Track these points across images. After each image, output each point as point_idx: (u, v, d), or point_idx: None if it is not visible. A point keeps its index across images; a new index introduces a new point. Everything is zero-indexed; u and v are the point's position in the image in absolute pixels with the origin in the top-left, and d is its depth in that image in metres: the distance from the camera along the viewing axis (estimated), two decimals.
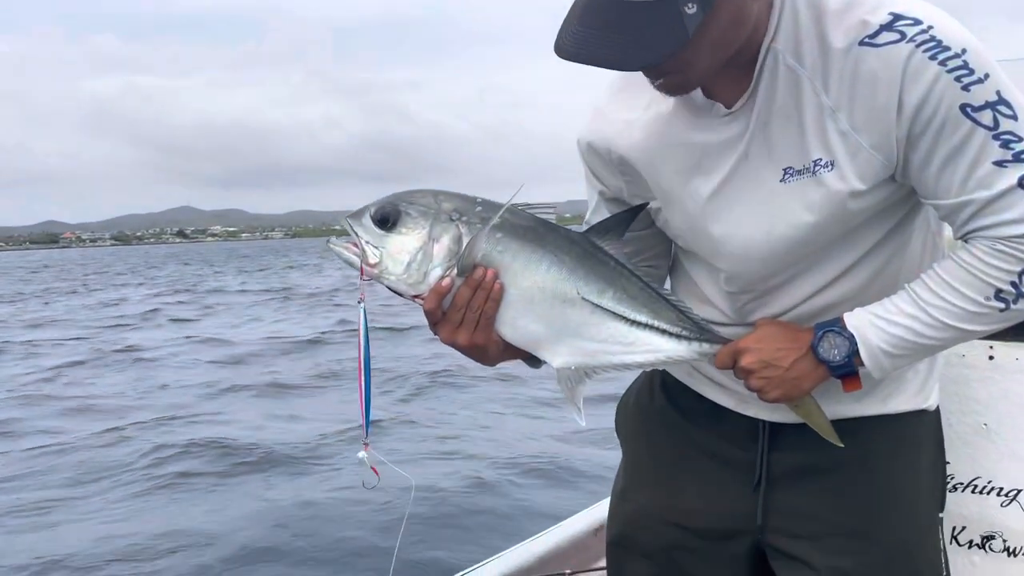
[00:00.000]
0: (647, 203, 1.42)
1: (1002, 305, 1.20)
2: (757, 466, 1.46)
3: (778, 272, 1.35)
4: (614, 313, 1.36)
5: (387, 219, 1.33)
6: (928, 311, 1.24)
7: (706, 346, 1.39)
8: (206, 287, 38.21)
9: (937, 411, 1.52)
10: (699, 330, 1.39)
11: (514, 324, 1.35)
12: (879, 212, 1.30)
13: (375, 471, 1.39)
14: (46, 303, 32.30)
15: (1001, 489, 1.84)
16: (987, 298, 1.20)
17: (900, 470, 1.44)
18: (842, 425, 1.39)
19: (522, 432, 8.82)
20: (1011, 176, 1.14)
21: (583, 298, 1.35)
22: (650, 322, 1.37)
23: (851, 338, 1.27)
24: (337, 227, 1.40)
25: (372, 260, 1.33)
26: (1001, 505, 1.84)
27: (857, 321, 1.28)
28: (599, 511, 2.80)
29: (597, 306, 1.35)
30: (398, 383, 11.29)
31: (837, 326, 1.29)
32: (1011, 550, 1.83)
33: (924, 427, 1.49)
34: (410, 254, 1.32)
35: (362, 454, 1.40)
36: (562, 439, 8.14)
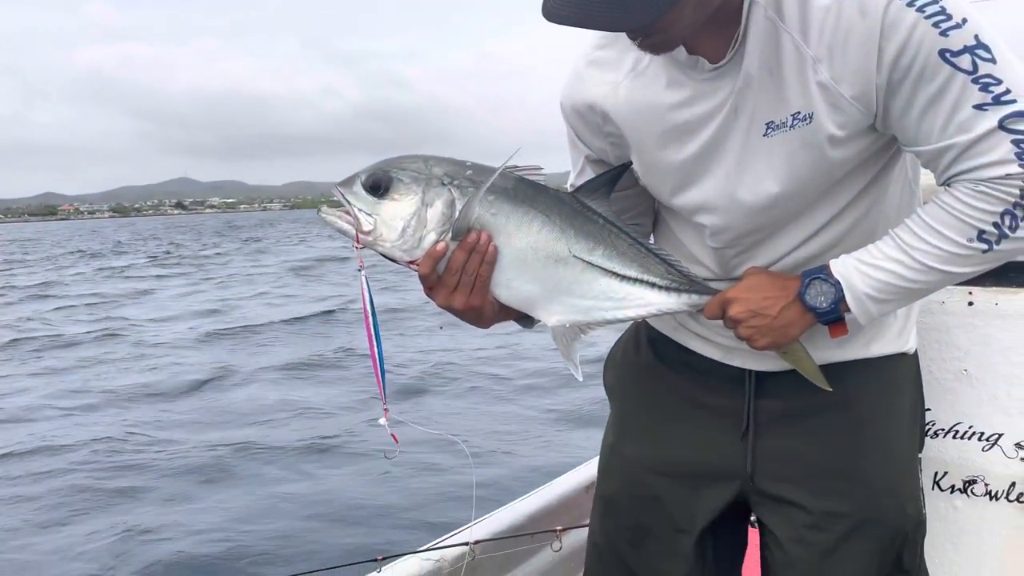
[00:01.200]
0: (631, 162, 1.43)
1: (985, 246, 1.21)
2: (744, 414, 1.49)
3: (763, 226, 1.37)
4: (605, 269, 1.38)
5: (379, 186, 1.33)
6: (912, 255, 1.25)
7: (695, 297, 1.41)
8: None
9: (916, 354, 1.56)
10: (688, 282, 1.41)
11: (509, 285, 1.37)
12: (860, 163, 1.31)
13: (395, 437, 1.40)
14: None
15: (982, 434, 1.85)
16: (970, 240, 1.21)
17: (883, 412, 1.48)
18: (827, 370, 1.41)
19: None
20: (991, 119, 1.15)
21: (575, 256, 1.37)
22: (640, 276, 1.40)
23: (837, 285, 1.29)
24: (336, 197, 1.41)
25: (366, 227, 1.33)
26: (982, 450, 1.85)
27: (842, 268, 1.30)
28: (589, 469, 2.81)
29: (588, 263, 1.38)
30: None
31: (823, 273, 1.30)
32: (992, 494, 1.85)
33: (904, 370, 1.52)
34: (404, 220, 1.32)
35: (382, 421, 1.41)
36: None
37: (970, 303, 1.86)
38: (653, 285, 1.40)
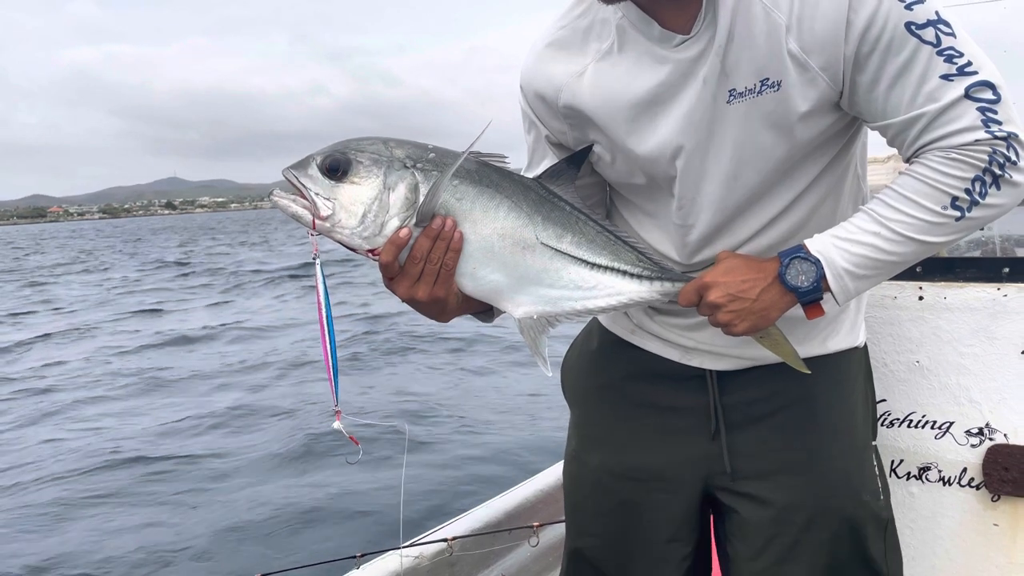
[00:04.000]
0: (593, 144, 1.40)
1: (958, 214, 1.23)
2: (712, 413, 1.50)
3: (726, 203, 1.36)
4: (574, 257, 1.33)
5: (337, 168, 1.25)
6: (889, 225, 1.26)
7: (668, 285, 1.36)
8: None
9: (865, 347, 1.60)
10: (660, 269, 1.37)
11: (474, 275, 1.30)
12: (817, 146, 1.34)
13: (354, 440, 1.32)
14: None
15: (935, 422, 1.93)
16: (944, 207, 1.23)
17: (839, 405, 1.51)
18: (785, 369, 1.43)
19: None
20: (957, 88, 1.19)
21: (543, 243, 1.31)
22: (611, 264, 1.34)
23: (817, 262, 1.27)
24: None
25: (324, 213, 1.25)
26: (935, 437, 1.93)
27: (820, 245, 1.29)
28: None
29: (557, 251, 1.32)
30: None
31: (802, 252, 1.29)
32: (946, 479, 1.93)
33: (856, 363, 1.57)
34: (365, 205, 1.24)
35: (336, 424, 1.33)
36: None
37: (920, 297, 1.94)
38: (624, 273, 1.35)
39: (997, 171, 1.20)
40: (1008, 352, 1.85)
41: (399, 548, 2.34)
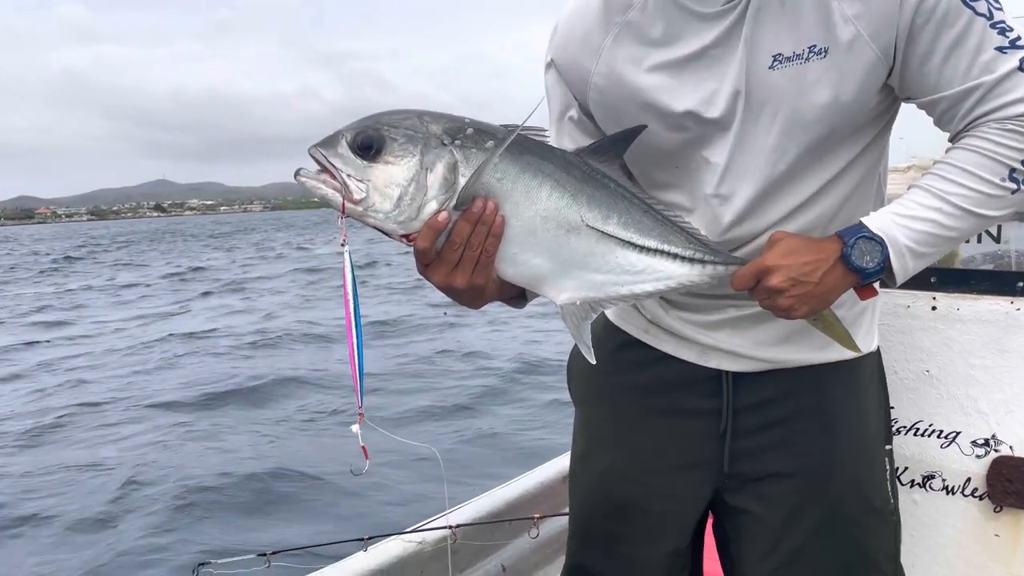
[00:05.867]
0: (645, 126, 1.32)
1: (1015, 186, 1.22)
2: (724, 415, 1.47)
3: (761, 174, 1.32)
4: (621, 240, 1.25)
5: (370, 146, 1.15)
6: (949, 199, 1.24)
7: (720, 268, 1.29)
8: None
9: (879, 352, 1.58)
10: (712, 252, 1.29)
11: (515, 260, 1.22)
12: (856, 129, 1.32)
13: (365, 451, 1.21)
14: None
15: (941, 432, 1.95)
16: (1002, 179, 1.22)
17: (852, 412, 1.49)
18: (802, 372, 1.43)
19: None
20: (1012, 60, 1.20)
21: (588, 225, 1.23)
22: (660, 247, 1.27)
23: (881, 242, 1.24)
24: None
25: (356, 196, 1.15)
26: (941, 447, 1.95)
27: (880, 223, 1.25)
28: (568, 458, 2.89)
29: (603, 233, 1.24)
30: None
31: (865, 231, 1.25)
32: (949, 488, 1.95)
33: (871, 368, 1.55)
34: (401, 187, 1.15)
35: (355, 427, 1.22)
36: None
37: (933, 307, 1.95)
38: (675, 256, 1.27)
39: None
40: (1018, 365, 1.87)
41: (402, 533, 2.36)
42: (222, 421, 8.70)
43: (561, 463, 2.94)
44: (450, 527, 2.39)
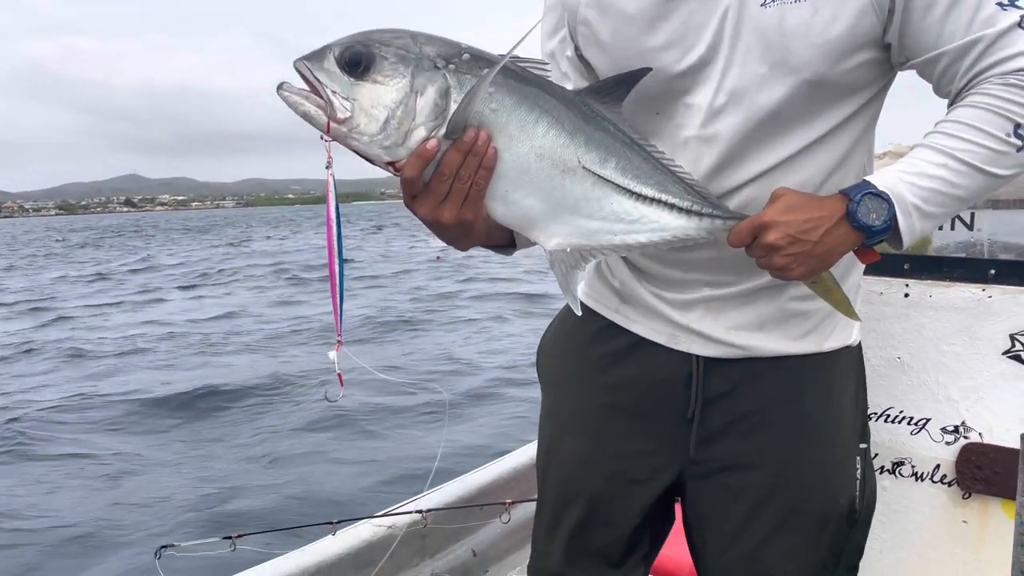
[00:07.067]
0: (649, 68, 1.26)
1: (1020, 143, 1.20)
2: (692, 401, 1.44)
3: (756, 118, 1.29)
4: (618, 185, 1.19)
5: (358, 62, 1.09)
6: (956, 155, 1.21)
7: (718, 222, 1.24)
8: None
9: (859, 346, 1.55)
10: (710, 204, 1.24)
11: (506, 198, 1.17)
12: (844, 89, 1.30)
13: (340, 379, 1.20)
14: None
15: (912, 418, 1.96)
16: (1008, 134, 1.20)
17: (825, 406, 1.46)
18: (777, 363, 1.41)
19: None
20: (1012, 16, 1.19)
21: (584, 167, 1.17)
22: (657, 196, 1.21)
23: (888, 199, 1.20)
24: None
25: (341, 115, 1.09)
26: (911, 433, 1.96)
27: (886, 179, 1.21)
28: None
29: (599, 177, 1.18)
30: None
31: (872, 187, 1.20)
32: (919, 475, 1.96)
33: (848, 362, 1.51)
34: (388, 109, 1.09)
35: (332, 354, 1.20)
36: None
37: (906, 294, 1.96)
38: (671, 207, 1.22)
39: None
40: (988, 353, 1.88)
41: (373, 517, 2.34)
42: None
43: (533, 449, 2.93)
44: (421, 511, 2.38)
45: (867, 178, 1.23)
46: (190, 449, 7.10)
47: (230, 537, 2.04)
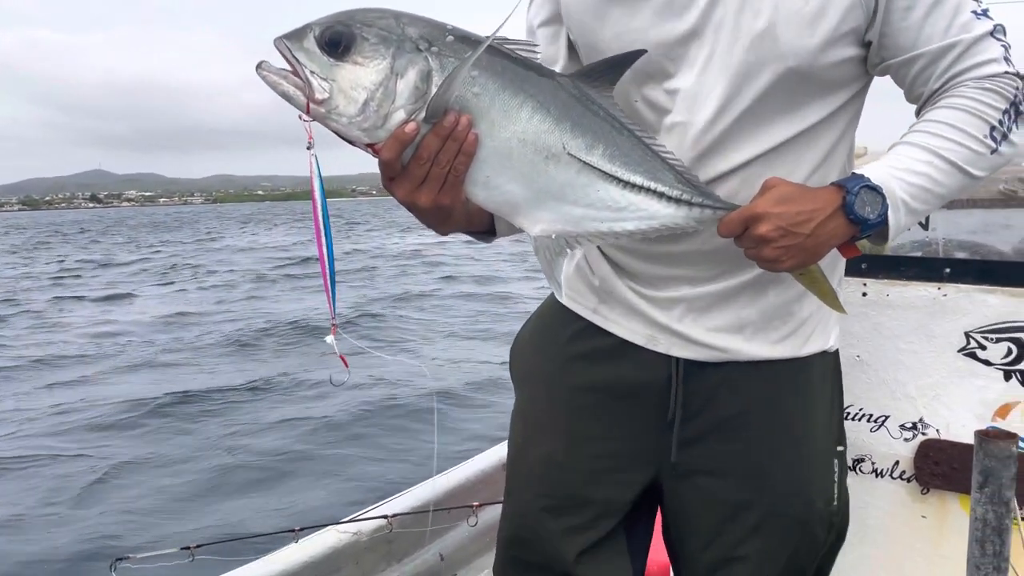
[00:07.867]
0: (644, 51, 1.25)
1: (994, 145, 1.24)
2: (671, 402, 1.42)
3: (736, 107, 1.28)
4: (605, 172, 1.17)
5: (338, 42, 1.08)
6: (941, 153, 1.23)
7: (708, 212, 1.22)
8: None
9: (836, 351, 1.54)
10: (700, 194, 1.22)
11: (487, 184, 1.15)
12: (826, 84, 1.30)
13: (344, 360, 1.19)
14: None
15: (871, 416, 1.99)
16: (985, 136, 1.24)
17: (802, 411, 1.46)
18: (756, 367, 1.40)
19: None
20: (986, 25, 1.25)
21: (569, 153, 1.15)
22: (646, 184, 1.19)
23: (883, 193, 1.20)
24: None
25: (319, 95, 1.08)
26: (871, 431, 1.99)
27: (878, 173, 1.22)
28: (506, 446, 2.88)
29: (585, 163, 1.16)
30: None
31: (868, 180, 1.20)
32: (878, 471, 1.99)
33: (826, 367, 1.51)
34: (367, 90, 1.08)
35: (329, 339, 1.19)
36: None
37: (864, 294, 1.98)
38: (660, 195, 1.20)
39: (1020, 107, 1.25)
40: (945, 350, 1.91)
41: (337, 524, 2.31)
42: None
43: (500, 451, 2.93)
44: (386, 517, 2.36)
45: (857, 171, 1.24)
46: (147, 457, 6.97)
47: (188, 548, 2.00)
